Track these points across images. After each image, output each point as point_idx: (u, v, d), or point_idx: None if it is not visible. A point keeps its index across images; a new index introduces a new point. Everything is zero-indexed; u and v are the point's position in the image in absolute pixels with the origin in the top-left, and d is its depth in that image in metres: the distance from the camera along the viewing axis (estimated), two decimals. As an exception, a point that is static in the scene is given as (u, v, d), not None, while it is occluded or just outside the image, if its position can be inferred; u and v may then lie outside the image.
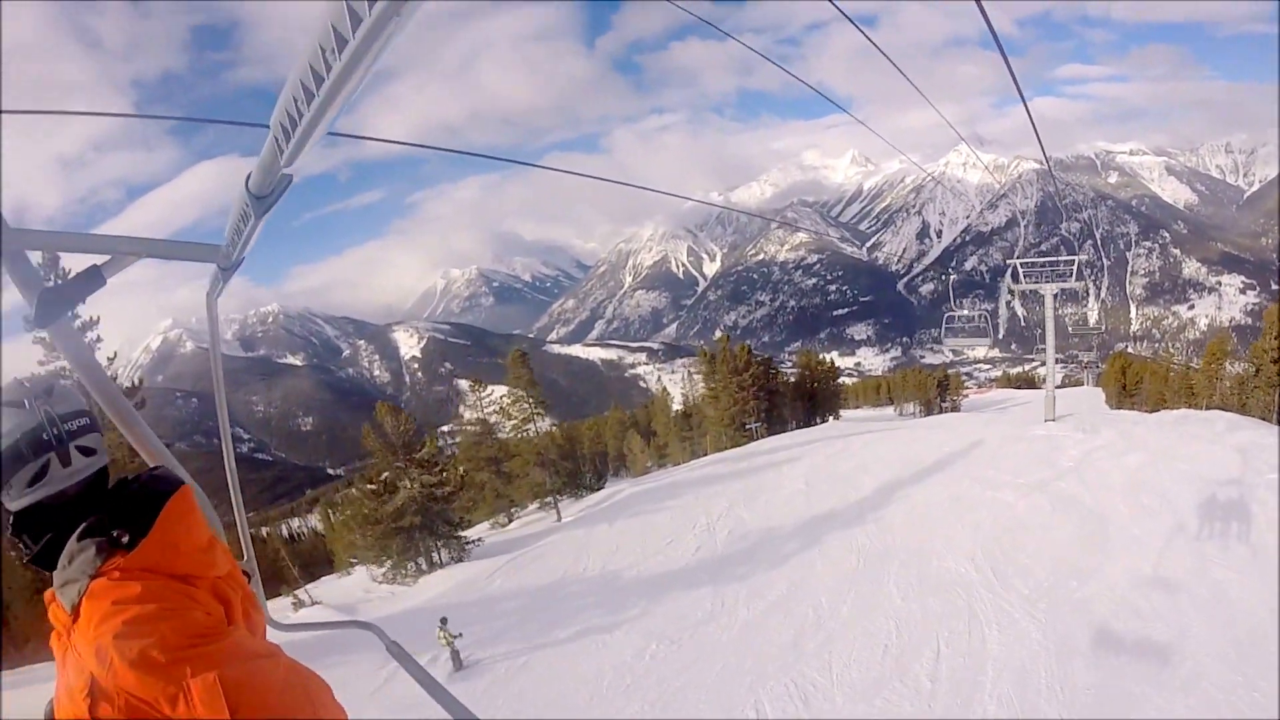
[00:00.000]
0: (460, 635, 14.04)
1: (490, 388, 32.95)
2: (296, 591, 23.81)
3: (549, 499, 28.56)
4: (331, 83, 1.10)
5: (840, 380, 61.93)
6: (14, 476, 1.45)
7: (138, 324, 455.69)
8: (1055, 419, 25.62)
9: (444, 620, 14.19)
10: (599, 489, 31.70)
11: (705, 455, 39.36)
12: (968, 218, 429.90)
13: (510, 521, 31.88)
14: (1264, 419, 27.41)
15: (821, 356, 63.78)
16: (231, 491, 2.53)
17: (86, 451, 1.53)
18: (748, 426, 40.80)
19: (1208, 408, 32.06)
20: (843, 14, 4.47)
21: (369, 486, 22.63)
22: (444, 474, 22.67)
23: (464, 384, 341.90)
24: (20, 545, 1.49)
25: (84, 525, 1.45)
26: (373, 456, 23.13)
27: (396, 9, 0.91)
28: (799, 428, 42.02)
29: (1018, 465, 18.86)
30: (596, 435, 57.57)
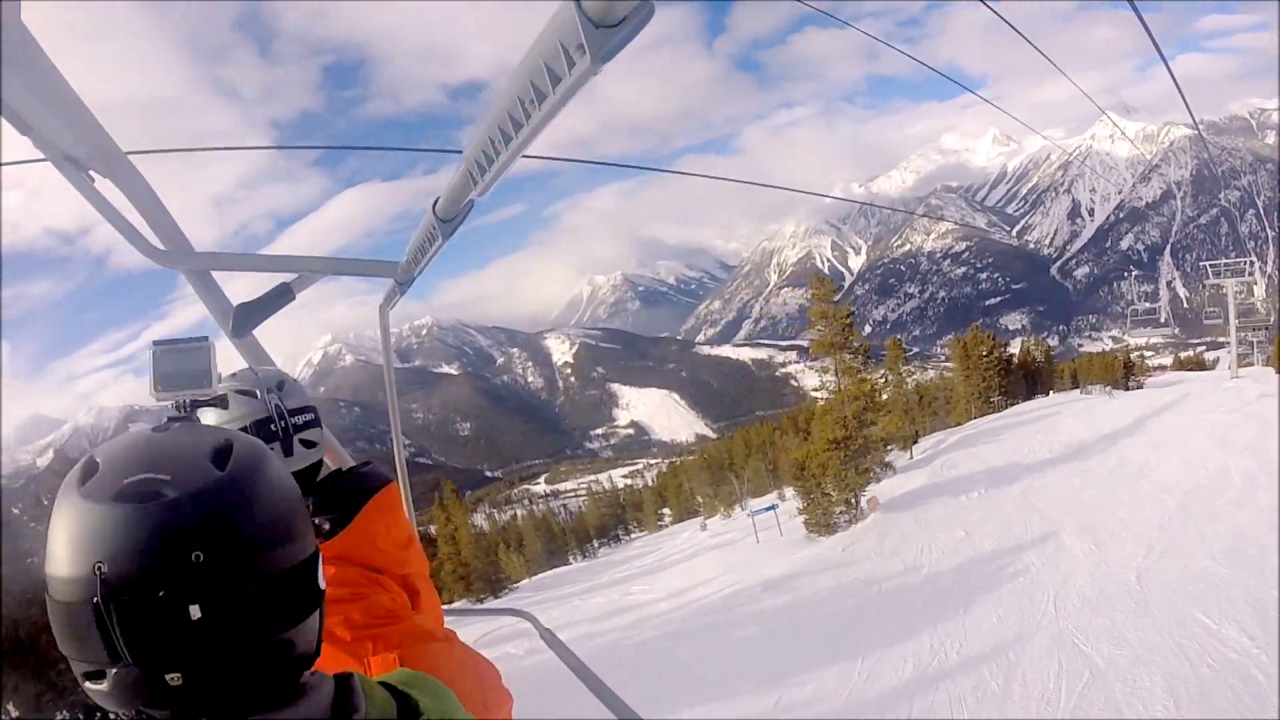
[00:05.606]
0: None
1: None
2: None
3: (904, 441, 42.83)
4: (530, 129, 1.30)
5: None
6: None
7: (299, 340, 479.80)
8: (1239, 376, 39.36)
9: None
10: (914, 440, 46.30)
11: (943, 429, 53.34)
12: (1120, 193, 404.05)
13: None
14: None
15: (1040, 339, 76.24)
16: (402, 491, 2.64)
17: (308, 444, 1.71)
18: (992, 399, 55.37)
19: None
20: (968, -11, 4.04)
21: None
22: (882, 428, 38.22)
23: (616, 387, 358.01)
24: None
25: None
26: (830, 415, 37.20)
27: (592, 71, 1.07)
28: (1024, 401, 54.75)
29: (1219, 401, 32.84)
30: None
